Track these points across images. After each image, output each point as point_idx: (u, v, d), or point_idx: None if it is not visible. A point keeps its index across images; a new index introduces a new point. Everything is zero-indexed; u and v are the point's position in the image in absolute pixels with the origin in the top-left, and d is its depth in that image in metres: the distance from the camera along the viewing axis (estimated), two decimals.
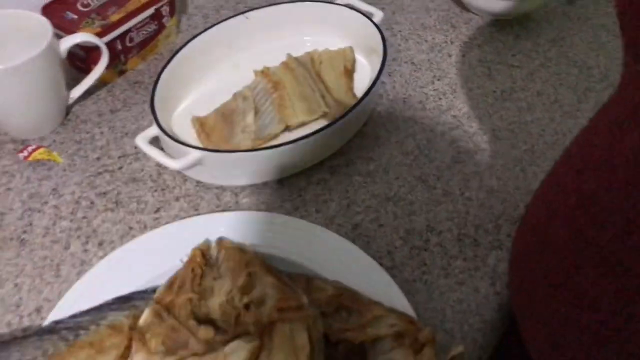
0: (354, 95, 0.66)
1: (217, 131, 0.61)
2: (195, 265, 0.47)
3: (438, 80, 0.71)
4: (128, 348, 0.43)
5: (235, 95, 0.64)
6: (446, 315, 0.49)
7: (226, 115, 0.62)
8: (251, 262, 0.47)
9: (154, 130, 0.57)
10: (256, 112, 0.62)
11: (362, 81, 0.67)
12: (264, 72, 0.65)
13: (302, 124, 0.62)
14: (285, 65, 0.66)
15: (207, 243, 0.49)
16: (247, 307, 0.44)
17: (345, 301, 0.45)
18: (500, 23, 0.78)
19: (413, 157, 0.61)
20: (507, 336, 0.52)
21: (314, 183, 0.59)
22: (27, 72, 0.56)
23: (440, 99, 0.68)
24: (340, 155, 0.61)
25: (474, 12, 0.79)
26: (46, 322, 0.45)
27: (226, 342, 0.41)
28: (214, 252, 0.49)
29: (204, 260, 0.48)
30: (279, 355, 0.40)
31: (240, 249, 0.48)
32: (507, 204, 0.57)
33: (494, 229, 0.55)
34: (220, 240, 0.50)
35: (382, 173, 0.60)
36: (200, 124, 0.61)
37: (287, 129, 0.62)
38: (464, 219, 0.56)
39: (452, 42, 0.76)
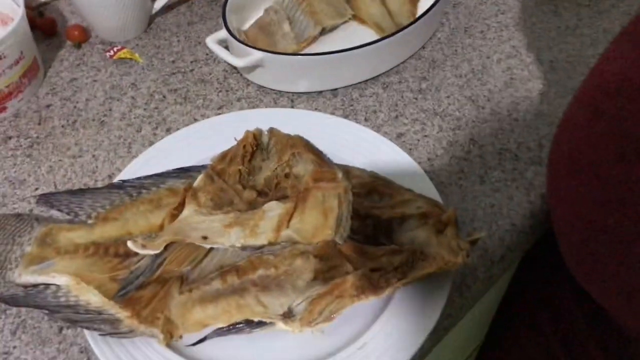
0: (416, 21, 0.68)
1: (259, 41, 0.65)
2: (247, 144, 0.52)
3: (502, 13, 0.71)
4: (181, 205, 0.48)
5: (266, 10, 0.68)
6: (477, 215, 0.51)
7: (263, 27, 0.66)
8: (296, 144, 0.51)
9: (222, 33, 0.62)
10: (290, 22, 0.66)
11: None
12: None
13: (335, 27, 0.67)
14: None
15: (259, 129, 0.54)
16: (287, 175, 0.48)
17: (379, 186, 0.49)
18: None
19: (466, 79, 0.63)
20: (539, 245, 0.54)
21: (367, 95, 0.62)
22: None
23: (502, 30, 0.69)
24: (394, 74, 0.64)
25: None
26: (115, 180, 0.52)
27: (265, 203, 0.46)
28: (265, 139, 0.54)
29: (255, 142, 0.52)
30: (310, 215, 0.44)
31: (288, 136, 0.53)
32: (553, 126, 0.58)
33: (537, 147, 0.56)
34: (272, 129, 0.54)
35: (433, 91, 0.62)
36: (245, 36, 0.66)
37: (323, 31, 0.66)
38: (508, 137, 0.57)
39: None
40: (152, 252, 0.44)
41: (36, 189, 0.55)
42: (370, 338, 0.42)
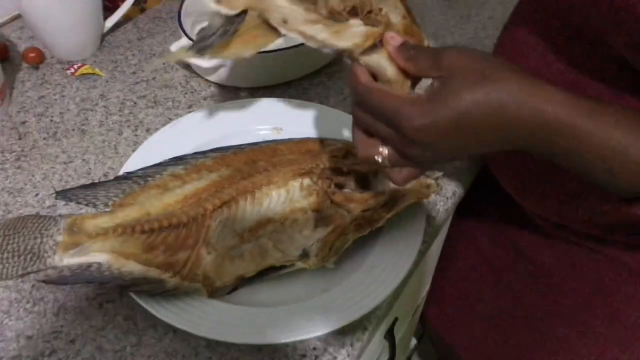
0: None
1: None
2: None
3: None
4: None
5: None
6: None
7: None
8: None
9: (183, 41, 0.69)
10: None
11: None
12: None
13: None
14: None
15: None
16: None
17: (352, 149, 0.59)
18: None
19: None
20: (475, 183, 0.68)
21: (315, 85, 0.73)
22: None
23: None
24: (334, 65, 0.75)
25: None
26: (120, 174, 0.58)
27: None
28: None
29: None
30: None
31: None
32: None
33: None
34: None
35: None
36: None
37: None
38: None
39: None
40: (226, 12, 0.41)
41: (36, 194, 0.59)
42: (376, 261, 0.52)
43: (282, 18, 0.42)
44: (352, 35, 0.43)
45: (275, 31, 0.43)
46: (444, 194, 0.61)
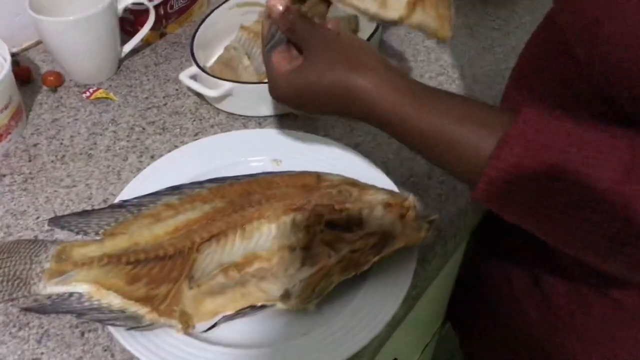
0: None
1: (224, 75, 0.73)
2: None
3: (428, 39, 0.83)
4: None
5: (226, 48, 0.77)
6: (428, 205, 0.61)
7: (226, 62, 0.75)
8: None
9: (193, 69, 0.70)
10: (249, 56, 0.75)
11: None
12: (243, 27, 0.78)
13: None
14: (259, 20, 0.78)
15: None
16: None
17: (347, 185, 0.58)
18: None
19: None
20: (484, 224, 0.65)
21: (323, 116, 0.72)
22: (92, 24, 0.70)
23: (429, 53, 0.81)
24: None
25: None
26: (115, 201, 0.58)
27: None
28: None
29: None
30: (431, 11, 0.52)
31: None
32: None
33: None
34: None
35: None
36: (211, 71, 0.75)
37: None
38: None
39: None
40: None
41: (37, 217, 0.60)
42: (359, 306, 0.50)
43: None
44: (396, 6, 0.51)
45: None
46: (442, 236, 0.59)
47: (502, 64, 0.79)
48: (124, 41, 0.78)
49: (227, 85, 0.68)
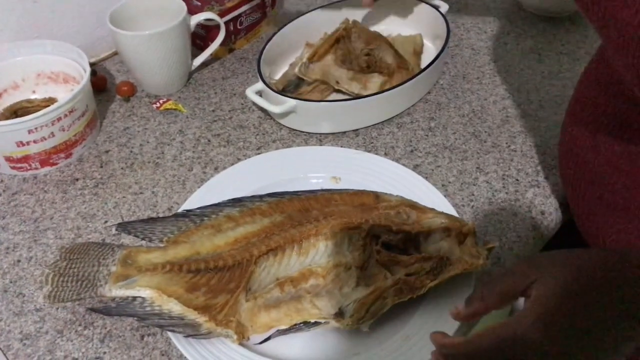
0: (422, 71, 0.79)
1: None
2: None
3: (494, 62, 0.83)
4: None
5: (291, 65, 0.79)
6: (488, 231, 0.60)
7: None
8: (378, 37, 0.78)
9: (259, 85, 0.72)
10: None
11: (429, 60, 0.80)
12: (308, 45, 0.79)
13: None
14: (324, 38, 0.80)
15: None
16: (369, 54, 0.76)
17: (406, 207, 0.58)
18: (553, 19, 0.90)
19: (468, 118, 0.74)
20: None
21: (384, 134, 0.72)
22: (166, 38, 0.73)
23: (495, 76, 0.80)
24: (406, 115, 0.74)
25: (530, 10, 0.91)
26: (179, 211, 0.60)
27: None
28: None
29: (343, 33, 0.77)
30: None
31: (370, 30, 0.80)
32: (546, 155, 0.68)
33: (534, 172, 0.66)
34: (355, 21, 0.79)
35: (441, 129, 0.72)
36: (276, 86, 0.76)
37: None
38: (508, 164, 0.67)
39: (508, 34, 0.88)
40: (305, 79, 0.74)
41: (105, 221, 0.63)
42: (412, 331, 0.50)
43: (336, 80, 0.74)
44: (372, 87, 0.74)
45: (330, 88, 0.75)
46: (502, 263, 0.57)
47: (569, 90, 0.76)
48: (194, 55, 0.81)
49: (291, 102, 0.69)
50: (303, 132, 0.73)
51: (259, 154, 0.70)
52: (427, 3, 0.83)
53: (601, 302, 0.35)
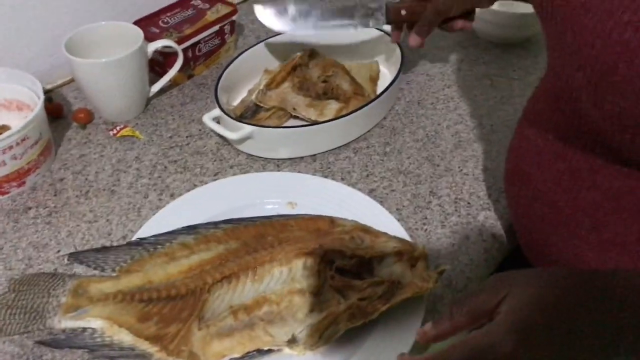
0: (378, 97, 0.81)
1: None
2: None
3: (448, 87, 0.85)
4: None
5: (250, 91, 0.80)
6: (440, 254, 0.61)
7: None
8: (335, 64, 0.81)
9: (216, 112, 0.72)
10: None
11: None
12: (267, 71, 0.81)
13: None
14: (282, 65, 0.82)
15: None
16: (326, 81, 0.79)
17: (360, 232, 0.58)
18: (505, 46, 0.93)
19: (422, 143, 0.75)
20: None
21: (341, 159, 0.73)
22: (123, 66, 0.73)
23: (448, 101, 0.82)
24: (362, 140, 0.76)
25: (484, 38, 0.94)
26: (132, 239, 0.60)
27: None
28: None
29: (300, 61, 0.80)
30: None
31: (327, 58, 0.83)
32: (497, 178, 0.70)
33: (485, 196, 0.68)
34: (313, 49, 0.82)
35: (396, 154, 0.74)
36: (234, 112, 0.76)
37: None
38: (461, 188, 0.69)
39: (462, 60, 0.90)
40: (261, 105, 0.76)
41: (58, 251, 0.62)
42: (364, 355, 0.50)
43: (293, 107, 0.75)
44: (329, 113, 0.75)
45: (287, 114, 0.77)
46: (454, 286, 0.59)
47: (520, 114, 0.79)
48: (153, 81, 0.81)
49: (248, 128, 0.70)
50: (261, 157, 0.73)
51: (215, 180, 0.70)
52: (383, 31, 0.85)
53: (574, 314, 0.36)
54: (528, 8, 0.74)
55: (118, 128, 0.77)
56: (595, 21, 0.38)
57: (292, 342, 0.51)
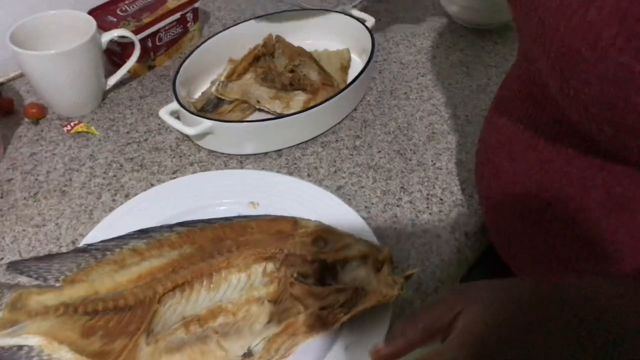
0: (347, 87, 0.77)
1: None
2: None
3: (422, 76, 0.81)
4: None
5: (212, 82, 0.76)
6: (410, 254, 0.58)
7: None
8: (302, 53, 0.76)
9: (174, 105, 0.68)
10: None
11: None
12: (231, 61, 0.77)
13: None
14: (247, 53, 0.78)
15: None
16: (293, 70, 0.75)
17: (324, 234, 0.55)
18: (481, 32, 0.89)
19: (394, 135, 0.71)
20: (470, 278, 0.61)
21: (308, 154, 0.69)
22: (74, 58, 0.69)
23: (422, 91, 0.78)
24: (331, 134, 0.72)
25: (460, 23, 0.90)
26: (80, 245, 0.56)
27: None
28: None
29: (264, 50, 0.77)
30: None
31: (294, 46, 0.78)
32: (471, 172, 0.66)
33: (458, 191, 0.64)
34: (278, 37, 0.79)
35: (366, 147, 0.70)
36: (194, 106, 0.72)
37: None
38: (433, 183, 0.65)
39: (437, 47, 0.86)
40: (223, 98, 0.72)
41: (1, 258, 0.58)
42: None
43: (257, 99, 0.72)
44: (295, 105, 0.71)
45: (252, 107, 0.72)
46: (423, 289, 0.55)
47: None
48: (110, 73, 0.77)
49: (207, 123, 0.65)
50: (223, 153, 0.69)
51: (174, 178, 0.66)
52: (353, 17, 0.81)
53: (530, 329, 0.35)
54: None
55: (72, 124, 0.73)
56: (559, 2, 0.35)
57: (247, 356, 0.48)
